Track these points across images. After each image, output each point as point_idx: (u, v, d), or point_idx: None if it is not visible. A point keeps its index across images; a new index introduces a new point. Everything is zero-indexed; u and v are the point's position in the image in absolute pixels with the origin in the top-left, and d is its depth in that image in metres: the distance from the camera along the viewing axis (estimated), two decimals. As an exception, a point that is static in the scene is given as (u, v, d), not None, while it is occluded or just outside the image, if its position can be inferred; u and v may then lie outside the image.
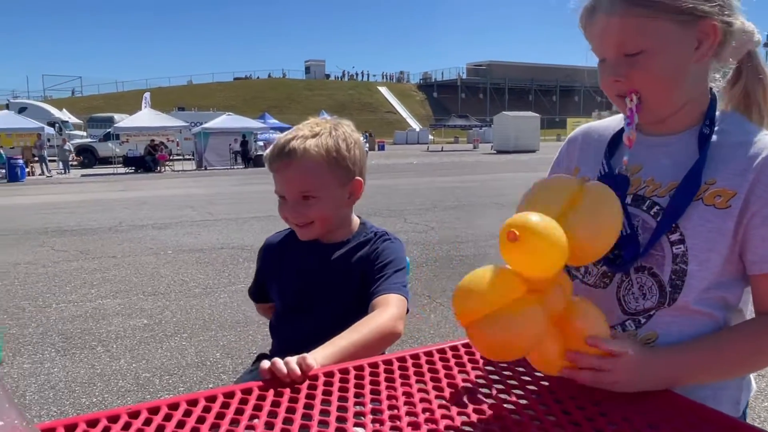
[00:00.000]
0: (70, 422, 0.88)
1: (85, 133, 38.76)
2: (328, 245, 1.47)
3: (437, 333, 4.05)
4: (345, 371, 1.05)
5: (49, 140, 27.20)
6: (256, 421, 0.88)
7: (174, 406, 0.93)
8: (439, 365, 1.08)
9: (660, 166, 1.07)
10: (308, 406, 0.92)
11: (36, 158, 25.64)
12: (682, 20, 0.97)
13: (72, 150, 29.33)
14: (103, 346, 3.95)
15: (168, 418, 0.89)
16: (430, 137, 60.76)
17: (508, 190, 13.71)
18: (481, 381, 1.02)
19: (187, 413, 0.91)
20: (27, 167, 23.74)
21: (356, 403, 0.93)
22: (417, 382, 1.01)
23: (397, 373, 1.04)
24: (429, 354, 1.13)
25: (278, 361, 1.02)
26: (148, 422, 0.88)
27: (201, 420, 0.89)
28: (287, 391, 0.98)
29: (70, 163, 27.87)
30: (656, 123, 1.08)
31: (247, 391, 0.98)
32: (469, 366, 1.08)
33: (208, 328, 4.29)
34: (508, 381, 1.02)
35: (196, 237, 7.94)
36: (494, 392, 0.98)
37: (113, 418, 0.89)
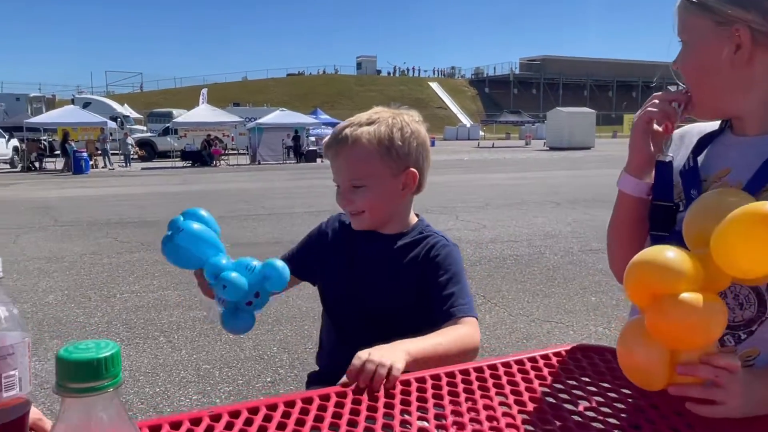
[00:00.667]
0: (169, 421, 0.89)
1: (145, 128, 40.12)
2: (382, 236, 1.45)
3: (493, 335, 4.00)
4: (421, 380, 1.03)
5: (111, 134, 28.26)
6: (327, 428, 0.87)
7: (254, 411, 0.93)
8: (518, 377, 1.04)
9: (749, 167, 1.04)
10: (388, 416, 0.91)
11: (99, 151, 26.68)
12: (717, 21, 1.03)
13: (134, 144, 30.42)
14: (165, 336, 4.07)
15: (249, 422, 0.89)
16: (481, 133, 60.14)
17: (563, 188, 13.43)
18: (563, 396, 0.98)
19: (268, 418, 0.91)
20: (91, 160, 24.75)
21: (437, 415, 0.91)
22: (497, 394, 0.98)
23: (476, 384, 1.02)
24: (507, 365, 1.10)
25: (368, 366, 1.01)
26: (229, 426, 0.88)
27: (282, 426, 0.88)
28: (365, 398, 0.96)
29: (132, 156, 28.91)
30: (714, 117, 1.15)
31: (325, 397, 0.97)
32: (549, 378, 1.04)
33: (265, 321, 4.36)
34: (595, 397, 0.97)
35: (252, 231, 8.10)
36: (581, 407, 0.94)
37: (195, 421, 0.90)
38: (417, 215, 1.51)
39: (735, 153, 1.08)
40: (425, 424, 0.89)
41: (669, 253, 0.84)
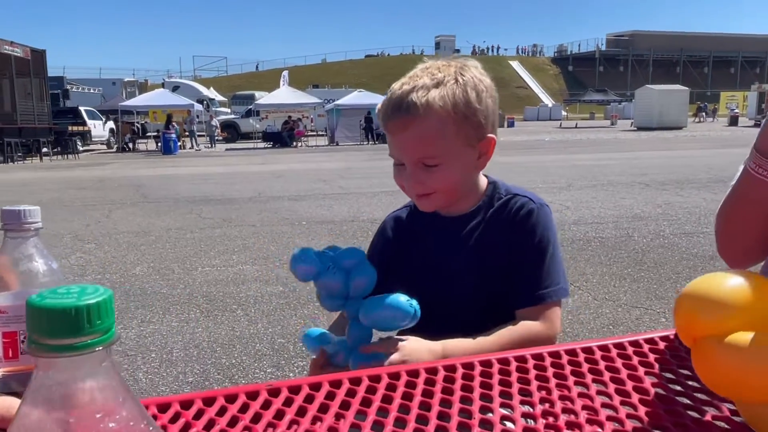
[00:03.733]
0: (203, 396, 0.82)
1: (229, 110, 41.53)
2: (453, 218, 1.22)
3: (576, 319, 3.78)
4: (504, 361, 0.91)
5: (198, 116, 29.40)
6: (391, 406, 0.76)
7: (308, 388, 0.84)
8: (618, 362, 0.90)
9: None
10: (465, 400, 0.79)
11: (187, 133, 27.84)
12: None
13: (218, 126, 31.52)
14: (243, 309, 4.12)
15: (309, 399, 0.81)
16: (563, 113, 58.10)
17: (652, 169, 12.69)
18: (676, 387, 0.83)
19: (330, 395, 0.81)
20: (179, 141, 25.86)
21: (523, 402, 0.79)
22: (594, 381, 0.84)
23: (568, 368, 0.88)
24: (604, 348, 0.95)
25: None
26: (287, 402, 0.80)
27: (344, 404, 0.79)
28: (440, 379, 0.85)
29: (216, 138, 29.99)
30: None
31: (376, 378, 0.86)
32: (656, 366, 0.89)
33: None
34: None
35: (329, 209, 8.14)
36: (698, 403, 0.78)
37: (230, 398, 0.82)
38: (487, 177, 1.28)
39: None
40: (506, 411, 0.76)
41: (728, 283, 0.66)
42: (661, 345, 0.96)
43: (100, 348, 0.34)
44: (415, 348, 1.03)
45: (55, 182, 13.62)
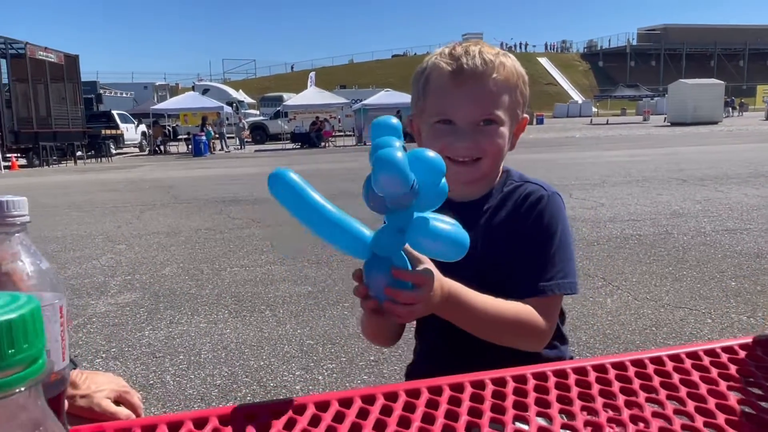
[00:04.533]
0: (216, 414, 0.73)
1: (258, 112, 41.87)
2: (464, 204, 1.15)
3: (616, 320, 3.61)
4: (562, 374, 0.79)
5: (227, 118, 29.69)
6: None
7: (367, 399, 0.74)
8: (695, 375, 0.78)
9: None
10: (520, 419, 0.68)
11: (217, 135, 28.13)
12: None
13: (246, 127, 31.79)
14: (271, 310, 4.06)
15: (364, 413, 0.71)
16: (594, 109, 57.15)
17: (689, 164, 12.31)
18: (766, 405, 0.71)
19: (386, 410, 0.71)
20: (209, 143, 26.14)
21: (587, 409, 0.67)
22: (669, 398, 0.72)
23: (636, 382, 0.76)
24: (676, 359, 0.83)
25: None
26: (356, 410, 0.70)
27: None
28: (510, 389, 0.74)
29: (245, 139, 30.25)
30: None
31: (458, 388, 0.76)
32: (740, 379, 0.76)
33: (369, 299, 4.24)
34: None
35: (358, 209, 8.04)
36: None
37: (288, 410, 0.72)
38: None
39: None
40: (564, 419, 0.65)
41: None
42: (741, 354, 0.84)
43: (21, 389, 0.21)
44: (435, 287, 0.91)
45: (88, 184, 13.85)
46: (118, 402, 1.23)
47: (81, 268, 5.45)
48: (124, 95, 43.89)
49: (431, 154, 0.76)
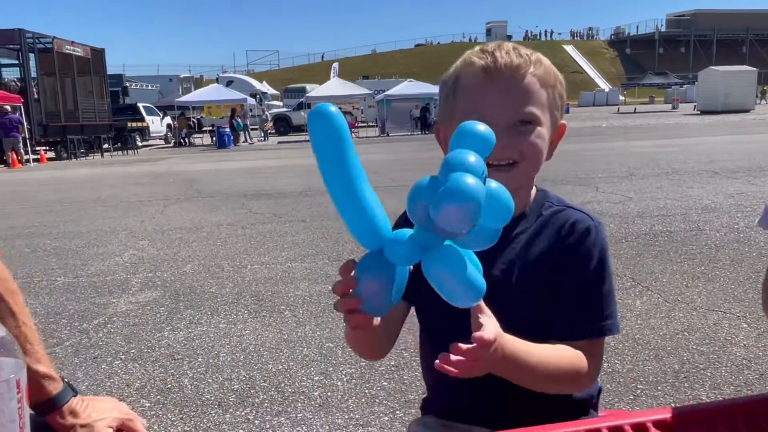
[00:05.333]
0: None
1: (281, 103, 41.95)
2: None
3: (647, 324, 3.48)
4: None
5: (251, 110, 29.81)
6: None
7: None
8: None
9: None
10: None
11: (232, 127, 28.27)
12: None
13: (269, 119, 31.88)
14: (291, 310, 4.01)
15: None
16: (621, 98, 56.12)
17: (720, 155, 11.96)
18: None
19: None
20: (233, 135, 26.29)
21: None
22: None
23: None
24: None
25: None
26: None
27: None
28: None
29: (269, 131, 30.34)
30: None
31: None
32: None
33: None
34: None
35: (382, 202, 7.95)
36: None
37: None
38: (535, 186, 1.13)
39: None
40: None
41: None
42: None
43: None
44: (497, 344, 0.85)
45: (114, 178, 14.00)
46: (120, 431, 1.17)
47: (104, 265, 5.47)
48: (150, 88, 44.37)
49: (506, 197, 0.66)
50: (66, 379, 1.13)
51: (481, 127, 0.68)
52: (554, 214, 1.07)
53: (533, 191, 1.12)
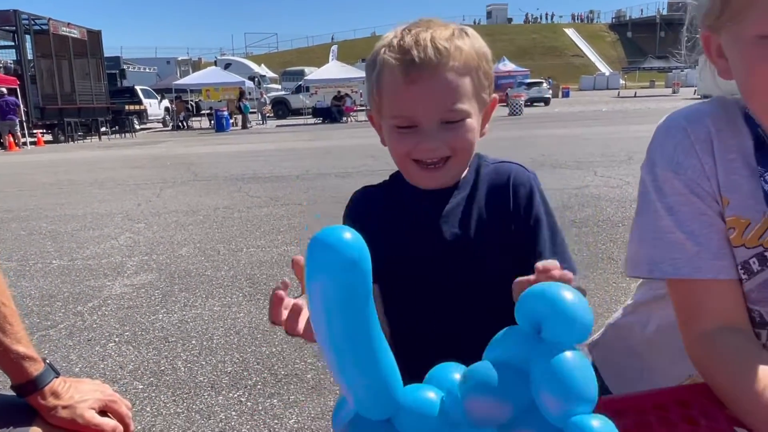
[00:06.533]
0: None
1: (279, 86, 41.74)
2: (439, 191, 1.06)
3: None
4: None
5: (249, 93, 29.65)
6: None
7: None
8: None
9: None
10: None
11: (239, 110, 28.16)
12: None
13: (267, 102, 31.74)
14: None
15: None
16: (621, 82, 55.86)
17: (720, 140, 11.91)
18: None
19: None
20: (231, 118, 26.18)
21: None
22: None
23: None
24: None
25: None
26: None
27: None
28: None
29: (267, 114, 30.22)
30: None
31: None
32: None
33: (385, 282, 4.17)
34: None
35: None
36: None
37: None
38: None
39: None
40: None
41: None
42: None
43: None
44: None
45: (111, 161, 13.96)
46: (104, 412, 1.17)
47: (99, 248, 5.46)
48: (147, 70, 44.12)
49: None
50: (47, 360, 1.12)
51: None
52: (492, 171, 1.07)
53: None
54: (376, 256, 1.09)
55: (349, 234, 0.48)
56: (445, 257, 1.05)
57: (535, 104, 35.58)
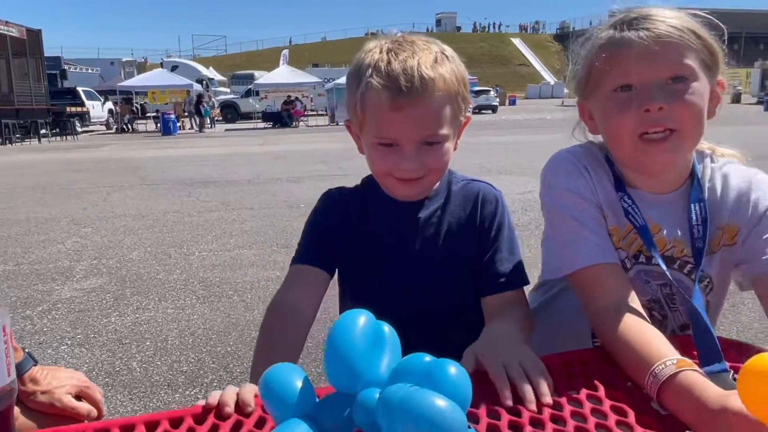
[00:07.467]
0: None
1: (228, 90, 41.20)
2: (411, 202, 1.17)
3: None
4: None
5: (194, 97, 29.17)
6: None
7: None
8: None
9: (673, 224, 1.08)
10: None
11: (186, 113, 27.67)
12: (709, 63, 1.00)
13: (216, 106, 31.31)
14: (239, 295, 4.08)
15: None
16: (566, 91, 57.54)
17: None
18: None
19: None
20: (178, 122, 25.71)
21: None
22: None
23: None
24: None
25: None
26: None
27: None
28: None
29: (216, 118, 29.79)
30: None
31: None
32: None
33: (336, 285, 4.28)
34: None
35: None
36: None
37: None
38: None
39: (654, 211, 1.08)
40: None
41: None
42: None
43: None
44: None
45: (52, 164, 13.54)
46: (79, 397, 1.26)
47: (45, 252, 5.37)
48: (90, 71, 42.73)
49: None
50: (26, 350, 1.21)
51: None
52: (462, 187, 1.22)
53: None
54: (351, 254, 1.25)
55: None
56: (415, 261, 1.17)
57: (483, 111, 36.36)
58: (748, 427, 0.61)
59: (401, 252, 1.18)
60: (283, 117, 27.24)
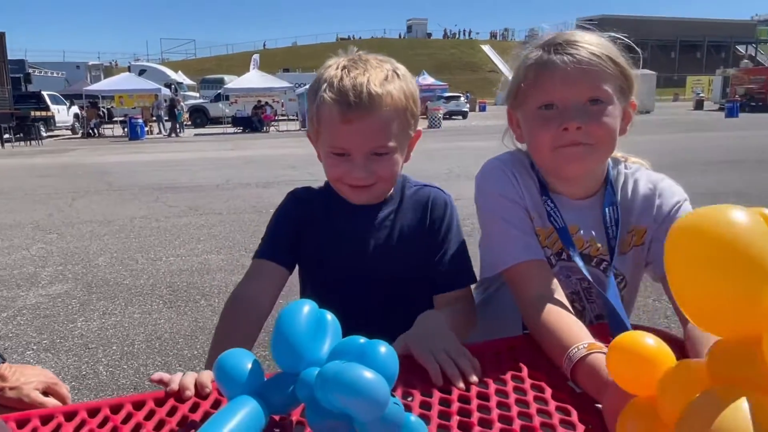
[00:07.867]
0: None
1: (198, 94, 40.78)
2: (372, 206, 1.27)
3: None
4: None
5: (165, 101, 28.84)
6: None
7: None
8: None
9: (589, 226, 1.21)
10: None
11: (154, 118, 27.32)
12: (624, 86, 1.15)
13: (185, 110, 30.97)
14: (206, 300, 4.11)
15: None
16: (499, 94, 58.37)
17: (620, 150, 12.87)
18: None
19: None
20: (146, 126, 25.38)
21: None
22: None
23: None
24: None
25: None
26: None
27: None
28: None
29: (185, 123, 29.47)
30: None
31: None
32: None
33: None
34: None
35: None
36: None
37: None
38: None
39: (572, 213, 1.20)
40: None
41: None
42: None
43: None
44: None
45: (16, 170, 13.28)
46: (47, 393, 1.31)
47: (10, 259, 5.32)
48: (55, 75, 41.84)
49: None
50: None
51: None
52: (415, 192, 1.31)
53: None
54: (313, 251, 1.34)
55: None
56: (372, 259, 1.27)
57: (453, 117, 36.65)
58: (619, 397, 0.71)
59: (359, 250, 1.27)
60: (253, 122, 27.11)
